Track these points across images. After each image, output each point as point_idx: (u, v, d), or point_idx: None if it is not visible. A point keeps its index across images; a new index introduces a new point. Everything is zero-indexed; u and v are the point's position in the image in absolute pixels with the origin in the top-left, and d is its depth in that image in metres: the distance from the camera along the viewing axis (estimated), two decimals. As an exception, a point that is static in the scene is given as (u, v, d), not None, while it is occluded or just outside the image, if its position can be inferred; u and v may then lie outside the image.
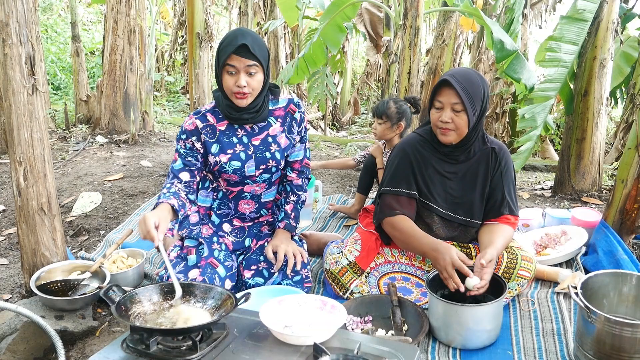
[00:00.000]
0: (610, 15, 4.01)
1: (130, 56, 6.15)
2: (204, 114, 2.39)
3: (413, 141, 2.44)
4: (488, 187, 2.39)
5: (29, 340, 2.15)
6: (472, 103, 2.21)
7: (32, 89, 2.29)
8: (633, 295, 2.09)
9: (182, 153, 2.36)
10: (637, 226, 2.98)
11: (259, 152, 2.41)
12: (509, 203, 2.38)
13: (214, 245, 2.46)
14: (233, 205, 2.54)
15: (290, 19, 5.34)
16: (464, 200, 2.39)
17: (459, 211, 2.40)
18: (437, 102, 2.27)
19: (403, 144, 2.46)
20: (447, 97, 2.22)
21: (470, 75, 2.25)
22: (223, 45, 2.22)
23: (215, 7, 12.05)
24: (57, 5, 12.80)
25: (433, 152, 2.39)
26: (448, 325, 2.10)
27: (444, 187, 2.40)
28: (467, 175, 2.39)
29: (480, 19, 4.08)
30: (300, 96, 9.48)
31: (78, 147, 5.76)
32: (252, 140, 2.41)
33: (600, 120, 4.17)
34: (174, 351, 1.63)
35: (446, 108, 2.23)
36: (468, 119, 2.22)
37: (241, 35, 2.19)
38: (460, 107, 2.21)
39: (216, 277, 2.34)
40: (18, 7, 2.21)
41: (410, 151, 2.41)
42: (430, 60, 6.90)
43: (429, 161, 2.39)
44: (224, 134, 2.38)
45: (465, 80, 2.20)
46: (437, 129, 2.30)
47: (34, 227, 2.43)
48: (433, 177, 2.39)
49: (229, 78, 2.22)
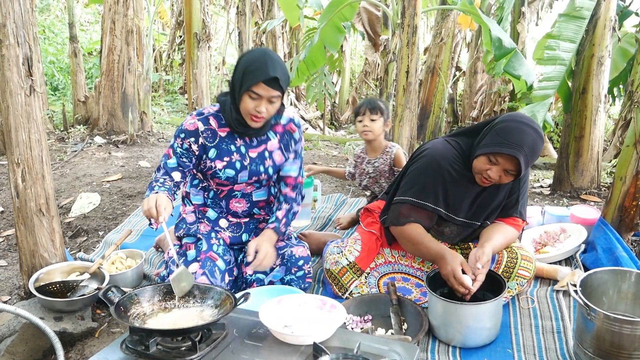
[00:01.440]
0: (608, 12, 4.01)
1: (128, 56, 6.15)
2: (207, 117, 2.37)
3: (448, 155, 2.31)
4: (508, 193, 2.37)
5: (28, 342, 2.15)
6: (526, 169, 2.13)
7: (29, 90, 2.28)
8: (632, 293, 2.09)
9: (178, 152, 2.35)
10: (635, 223, 2.99)
11: (254, 165, 2.42)
12: (519, 207, 2.37)
13: (213, 240, 2.46)
14: (224, 204, 2.53)
15: (293, 19, 5.32)
16: (485, 208, 2.37)
17: (479, 218, 2.38)
18: (494, 158, 2.13)
19: (437, 157, 2.32)
20: (506, 162, 2.11)
21: (537, 146, 2.11)
22: (251, 69, 2.16)
23: (213, 7, 12.04)
24: (55, 6, 12.79)
25: (465, 172, 2.30)
26: (448, 324, 2.10)
27: (470, 203, 2.36)
28: (492, 188, 2.33)
29: (478, 17, 4.08)
30: (299, 96, 9.48)
31: (76, 148, 5.76)
32: (250, 152, 2.41)
33: (598, 117, 4.17)
34: (173, 352, 1.63)
35: (500, 168, 2.14)
36: (514, 180, 2.20)
37: (272, 64, 2.15)
38: (513, 173, 2.14)
39: (216, 270, 2.34)
40: (15, 8, 2.20)
41: (445, 166, 2.29)
42: (429, 58, 6.91)
43: (461, 182, 2.31)
44: (224, 141, 2.37)
45: (531, 153, 2.09)
46: (479, 176, 2.21)
47: (33, 228, 2.42)
48: (462, 195, 2.33)
49: (249, 101, 2.19)
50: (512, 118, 2.17)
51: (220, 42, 12.44)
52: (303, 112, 9.14)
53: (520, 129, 2.10)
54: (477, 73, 8.34)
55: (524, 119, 2.14)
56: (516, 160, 2.08)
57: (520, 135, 2.08)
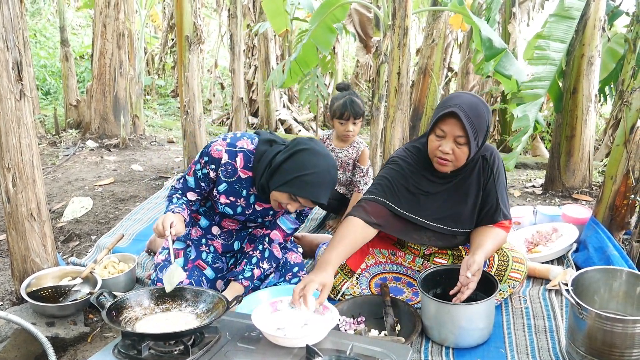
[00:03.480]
0: (597, 12, 4.03)
1: (120, 60, 6.13)
2: (236, 153, 2.26)
3: (405, 155, 2.35)
4: (481, 196, 2.31)
5: (20, 348, 2.13)
6: (476, 136, 2.11)
7: (19, 94, 2.27)
8: (623, 291, 2.10)
9: (199, 176, 2.30)
10: (626, 222, 3.01)
11: (254, 215, 2.40)
12: (502, 210, 2.31)
13: (202, 247, 2.46)
14: (217, 219, 2.52)
15: (278, 26, 5.27)
16: (453, 212, 2.33)
17: (448, 222, 2.34)
18: (439, 129, 2.14)
19: (398, 157, 2.36)
20: (451, 127, 2.10)
21: (478, 106, 2.11)
22: (302, 179, 2.09)
23: (205, 10, 12.02)
24: (46, 10, 12.73)
25: (424, 172, 2.30)
26: (441, 325, 2.10)
27: (433, 203, 2.32)
28: (459, 189, 2.31)
29: (468, 17, 4.09)
30: (292, 97, 9.46)
31: (68, 152, 5.73)
32: (257, 205, 2.37)
33: (589, 117, 4.20)
34: (165, 356, 1.63)
35: (448, 138, 2.12)
36: (469, 152, 2.14)
37: (325, 191, 2.13)
38: (463, 141, 2.11)
39: (203, 280, 2.35)
40: (4, 12, 2.19)
41: (404, 165, 2.31)
42: (420, 59, 6.92)
43: (420, 181, 2.30)
44: (239, 182, 2.29)
45: (472, 112, 2.08)
46: (434, 157, 2.20)
47: (24, 233, 2.41)
48: (423, 195, 2.31)
49: (281, 198, 2.14)
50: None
51: (212, 44, 12.43)
52: (296, 114, 9.12)
53: (454, 95, 2.20)
54: (469, 74, 8.35)
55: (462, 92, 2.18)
56: (458, 121, 2.07)
57: (453, 98, 2.15)
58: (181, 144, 5.63)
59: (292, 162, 2.09)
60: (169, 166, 5.31)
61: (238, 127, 5.25)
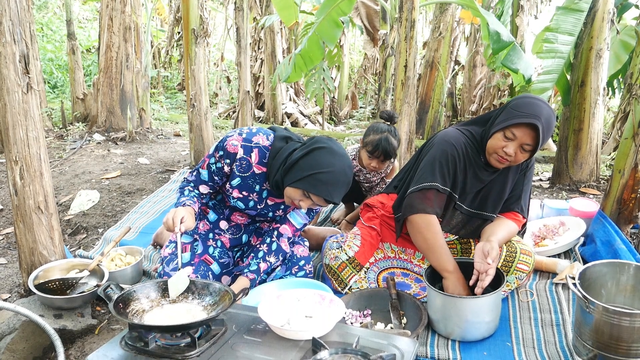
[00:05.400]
0: (606, 5, 3.99)
1: (126, 53, 6.14)
2: (252, 148, 2.25)
3: (460, 140, 2.31)
4: (512, 185, 2.38)
5: (28, 340, 2.15)
6: (540, 146, 2.14)
7: (26, 87, 2.28)
8: (631, 285, 2.09)
9: (212, 169, 2.29)
10: (634, 216, 2.99)
11: (266, 209, 2.40)
12: (521, 203, 2.38)
13: (209, 241, 2.46)
14: (227, 213, 2.53)
15: (287, 18, 5.26)
16: (489, 199, 2.37)
17: (483, 208, 2.39)
18: (510, 132, 2.13)
19: (451, 141, 2.30)
20: (523, 134, 2.10)
21: (552, 120, 2.12)
22: (318, 178, 2.08)
23: (211, 3, 12.01)
24: (53, 3, 12.76)
25: (477, 159, 2.31)
26: (447, 318, 2.10)
27: (479, 190, 2.37)
28: (500, 178, 2.35)
29: (476, 10, 4.07)
30: (298, 91, 9.45)
31: (75, 146, 5.75)
32: (269, 200, 2.38)
33: (597, 110, 4.17)
34: (172, 348, 1.63)
35: (516, 143, 2.13)
36: (529, 158, 2.20)
37: (339, 191, 2.12)
38: (529, 149, 2.14)
39: (209, 274, 2.35)
40: (11, 5, 2.20)
41: (458, 149, 2.28)
42: (427, 52, 6.89)
43: (472, 167, 2.31)
44: (253, 177, 2.29)
45: (547, 126, 2.09)
46: (494, 154, 2.20)
47: (31, 226, 2.42)
48: (472, 181, 2.33)
49: (294, 194, 2.13)
50: (524, 96, 2.19)
51: (218, 38, 12.42)
52: (302, 108, 9.11)
53: (535, 102, 2.13)
54: (476, 67, 8.32)
55: (536, 97, 2.18)
56: (534, 132, 2.08)
57: (535, 107, 2.10)
58: (187, 137, 5.64)
59: (308, 160, 2.08)
60: (176, 159, 5.32)
61: (244, 121, 5.25)
